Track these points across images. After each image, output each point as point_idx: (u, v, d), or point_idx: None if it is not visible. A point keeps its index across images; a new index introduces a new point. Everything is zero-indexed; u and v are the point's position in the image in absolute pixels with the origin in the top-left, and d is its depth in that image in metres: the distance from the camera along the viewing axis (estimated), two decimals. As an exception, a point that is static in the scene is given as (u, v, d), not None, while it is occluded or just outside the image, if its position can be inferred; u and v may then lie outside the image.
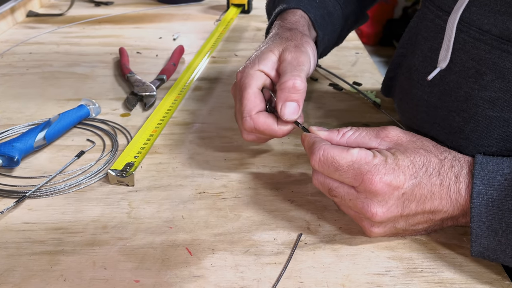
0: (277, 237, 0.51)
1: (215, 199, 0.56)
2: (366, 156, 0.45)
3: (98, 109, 0.73)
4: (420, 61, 0.56)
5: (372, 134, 0.49)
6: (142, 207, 0.55)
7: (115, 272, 0.46)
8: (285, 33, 0.57)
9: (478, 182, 0.44)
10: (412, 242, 0.50)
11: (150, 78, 0.85)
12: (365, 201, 0.46)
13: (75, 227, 0.52)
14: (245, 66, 0.55)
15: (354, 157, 0.45)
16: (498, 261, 0.45)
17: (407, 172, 0.45)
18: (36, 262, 0.47)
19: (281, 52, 0.55)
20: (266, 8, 0.76)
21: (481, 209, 0.43)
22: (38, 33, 1.09)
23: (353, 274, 0.46)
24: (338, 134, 0.49)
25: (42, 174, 0.60)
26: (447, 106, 0.53)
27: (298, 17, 0.62)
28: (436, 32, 0.54)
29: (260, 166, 0.62)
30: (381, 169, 0.44)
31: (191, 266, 0.47)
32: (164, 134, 0.69)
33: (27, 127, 0.70)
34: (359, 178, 0.45)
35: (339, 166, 0.46)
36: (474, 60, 0.50)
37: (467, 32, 0.50)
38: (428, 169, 0.45)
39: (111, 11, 1.26)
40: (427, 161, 0.46)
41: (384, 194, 0.45)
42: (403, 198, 0.45)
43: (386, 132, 0.49)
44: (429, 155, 0.46)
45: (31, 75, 0.88)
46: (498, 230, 0.43)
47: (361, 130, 0.49)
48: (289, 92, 0.51)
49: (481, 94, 0.50)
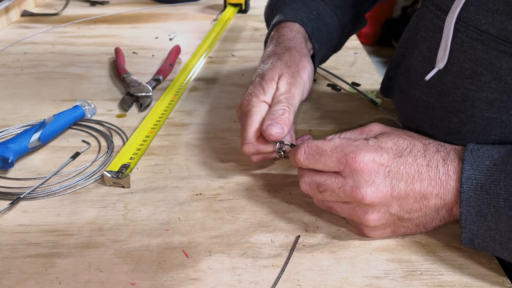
0: (274, 239, 0.50)
1: (212, 201, 0.56)
2: (349, 140, 0.48)
3: (93, 110, 0.73)
4: (419, 61, 0.56)
5: (356, 133, 0.52)
6: (138, 209, 0.54)
7: (111, 275, 0.46)
8: (284, 56, 0.61)
9: (467, 167, 0.44)
10: (411, 245, 0.49)
11: (146, 78, 0.85)
12: (353, 184, 0.46)
13: (70, 229, 0.51)
14: (250, 94, 0.58)
15: (337, 142, 0.48)
16: (488, 250, 0.45)
17: (390, 151, 0.47)
18: (31, 264, 0.47)
19: (279, 80, 0.59)
20: (265, 16, 0.78)
21: (470, 193, 0.43)
22: (33, 33, 1.09)
23: (351, 276, 0.46)
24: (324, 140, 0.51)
25: (37, 175, 0.60)
26: (444, 107, 0.53)
27: (295, 33, 0.65)
28: (435, 32, 0.54)
29: (258, 167, 0.62)
30: (363, 147, 0.46)
31: (187, 268, 0.47)
32: (161, 135, 0.69)
33: (21, 128, 0.69)
34: (343, 160, 0.46)
35: (323, 151, 0.48)
36: (471, 60, 0.50)
37: (465, 32, 0.50)
38: (412, 150, 0.47)
39: (106, 11, 1.25)
40: (411, 144, 0.48)
41: (369, 171, 0.46)
42: (390, 176, 0.46)
43: (369, 127, 0.52)
44: (413, 140, 0.48)
45: (26, 76, 0.88)
46: (487, 215, 0.43)
47: (345, 133, 0.53)
48: (277, 116, 0.54)
49: (478, 95, 0.49)
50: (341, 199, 0.48)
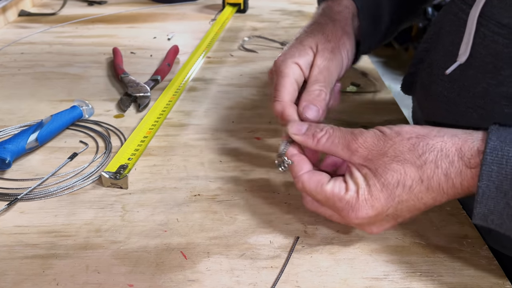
0: (273, 240, 0.50)
1: (211, 202, 0.56)
2: (339, 192, 0.45)
3: (91, 110, 0.73)
4: (441, 56, 0.56)
5: (343, 144, 0.46)
6: (136, 210, 0.54)
7: (109, 276, 0.46)
8: (327, 27, 0.58)
9: (493, 138, 0.40)
10: (411, 246, 0.49)
11: (144, 78, 0.84)
12: (357, 227, 0.47)
13: (67, 230, 0.51)
14: (284, 54, 0.56)
15: (327, 194, 0.45)
16: (501, 229, 0.42)
17: (381, 197, 0.43)
18: (28, 266, 0.47)
19: (317, 51, 0.56)
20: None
21: (493, 167, 0.40)
22: (30, 33, 1.08)
23: (350, 278, 0.46)
24: (313, 141, 0.48)
25: (34, 176, 0.60)
26: (465, 102, 0.52)
27: (343, 7, 0.62)
28: (459, 26, 0.53)
29: (256, 168, 0.61)
30: (355, 205, 0.44)
31: (186, 270, 0.46)
32: (159, 135, 0.69)
33: (19, 129, 0.69)
34: (338, 213, 0.46)
35: (318, 200, 0.47)
36: (492, 55, 0.49)
37: (487, 26, 0.49)
38: (405, 184, 0.43)
39: (104, 11, 1.25)
40: (402, 176, 0.43)
41: (368, 223, 0.45)
42: (389, 217, 0.45)
43: (356, 145, 0.46)
44: (404, 166, 0.43)
45: (23, 76, 0.87)
46: (508, 192, 0.40)
47: (333, 136, 0.47)
48: (314, 98, 0.53)
49: (498, 90, 0.49)
50: None
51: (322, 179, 0.46)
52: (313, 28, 0.59)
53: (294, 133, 0.50)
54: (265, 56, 0.96)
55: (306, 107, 0.52)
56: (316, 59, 0.56)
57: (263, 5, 1.31)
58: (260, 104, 0.77)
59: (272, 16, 1.22)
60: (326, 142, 0.47)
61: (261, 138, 0.68)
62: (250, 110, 0.76)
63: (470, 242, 0.50)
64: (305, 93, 0.54)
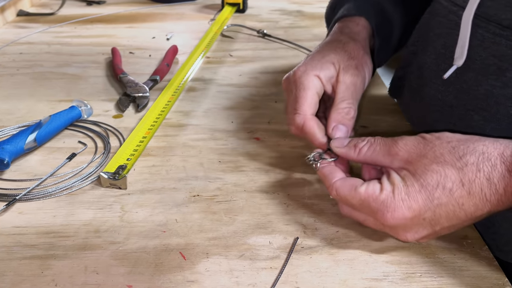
0: (272, 241, 0.50)
1: (210, 202, 0.55)
2: (374, 192, 0.44)
3: (90, 111, 0.72)
4: (433, 59, 0.55)
5: (384, 151, 0.46)
6: (135, 211, 0.54)
7: (108, 277, 0.45)
8: (348, 45, 0.58)
9: None
10: (411, 247, 0.49)
11: (143, 78, 0.84)
12: (391, 231, 0.45)
13: (66, 231, 0.51)
14: (305, 65, 0.55)
15: (362, 196, 0.44)
16: None
17: (419, 198, 0.42)
18: (27, 266, 0.47)
19: (340, 68, 0.55)
20: (326, 16, 0.75)
21: None
22: (29, 33, 1.08)
23: (350, 279, 0.46)
24: (354, 151, 0.49)
25: (32, 177, 0.59)
26: (464, 104, 0.52)
27: (361, 27, 0.62)
28: (450, 28, 0.53)
29: (256, 168, 0.61)
30: (390, 205, 0.42)
31: (185, 271, 0.46)
32: (158, 136, 0.68)
33: (17, 129, 0.69)
34: (373, 215, 0.44)
35: (352, 205, 0.46)
36: (495, 56, 0.48)
37: (486, 28, 0.48)
38: (445, 186, 0.41)
39: (103, 10, 1.25)
40: (442, 178, 0.41)
41: (404, 225, 0.43)
42: (426, 222, 0.43)
43: (396, 149, 0.45)
44: (444, 168, 0.42)
45: (22, 76, 0.87)
46: None
47: (375, 144, 0.47)
48: (343, 116, 0.53)
49: (503, 92, 0.48)
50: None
51: (355, 183, 0.46)
52: (334, 45, 0.58)
53: (337, 146, 0.50)
54: (261, 56, 0.96)
55: (336, 128, 0.53)
56: (341, 76, 0.55)
57: (262, 5, 1.30)
58: (260, 105, 0.77)
59: (271, 16, 1.22)
60: (368, 151, 0.47)
61: (261, 138, 0.68)
62: (249, 110, 0.75)
63: (470, 242, 0.50)
64: (334, 112, 0.53)
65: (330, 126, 0.53)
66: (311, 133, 0.54)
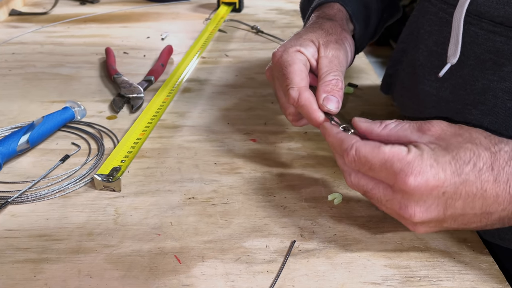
0: (269, 244, 0.49)
1: (205, 205, 0.55)
2: (400, 152, 0.41)
3: (83, 112, 0.72)
4: (425, 56, 0.55)
5: (414, 127, 0.44)
6: (129, 213, 0.53)
7: (101, 281, 0.45)
8: (325, 24, 0.57)
9: None
10: (409, 250, 0.49)
11: (137, 79, 0.83)
12: (401, 201, 0.42)
13: (59, 234, 0.50)
14: (284, 46, 0.54)
15: (386, 155, 0.41)
16: None
17: (448, 168, 0.40)
18: (19, 270, 0.46)
19: (320, 45, 0.54)
20: (300, 7, 0.76)
21: None
22: (21, 33, 1.07)
23: (348, 282, 0.45)
24: (380, 126, 0.46)
25: (25, 179, 0.59)
26: (461, 99, 0.52)
27: (336, 10, 0.61)
28: (441, 26, 0.53)
29: (252, 170, 0.61)
30: (416, 167, 0.40)
31: (180, 274, 0.46)
32: (152, 137, 0.68)
33: (9, 130, 0.68)
34: (393, 178, 0.41)
35: (372, 165, 0.42)
36: (490, 52, 0.48)
37: (478, 25, 0.49)
38: (476, 163, 0.40)
39: (97, 10, 1.24)
40: (475, 155, 0.40)
41: (421, 194, 0.40)
42: (444, 197, 0.40)
43: (429, 125, 0.44)
44: (478, 149, 0.41)
45: (14, 76, 0.86)
46: None
47: (404, 122, 0.45)
48: (332, 88, 0.51)
49: (500, 86, 0.49)
50: (387, 209, 0.44)
51: (378, 143, 0.43)
52: (311, 27, 0.58)
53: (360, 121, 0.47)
54: (258, 56, 0.96)
55: (326, 99, 0.51)
56: (322, 51, 0.54)
57: (258, 4, 1.30)
58: (256, 106, 0.77)
59: (267, 15, 1.22)
60: (395, 127, 0.45)
61: (257, 140, 0.67)
62: (245, 111, 0.75)
63: (470, 246, 0.49)
64: (322, 84, 0.52)
65: (320, 98, 0.51)
66: (307, 105, 0.52)
